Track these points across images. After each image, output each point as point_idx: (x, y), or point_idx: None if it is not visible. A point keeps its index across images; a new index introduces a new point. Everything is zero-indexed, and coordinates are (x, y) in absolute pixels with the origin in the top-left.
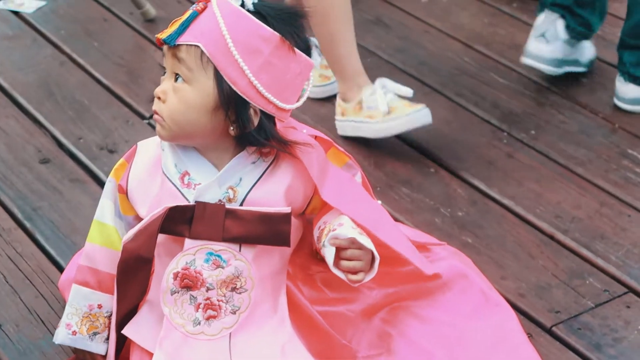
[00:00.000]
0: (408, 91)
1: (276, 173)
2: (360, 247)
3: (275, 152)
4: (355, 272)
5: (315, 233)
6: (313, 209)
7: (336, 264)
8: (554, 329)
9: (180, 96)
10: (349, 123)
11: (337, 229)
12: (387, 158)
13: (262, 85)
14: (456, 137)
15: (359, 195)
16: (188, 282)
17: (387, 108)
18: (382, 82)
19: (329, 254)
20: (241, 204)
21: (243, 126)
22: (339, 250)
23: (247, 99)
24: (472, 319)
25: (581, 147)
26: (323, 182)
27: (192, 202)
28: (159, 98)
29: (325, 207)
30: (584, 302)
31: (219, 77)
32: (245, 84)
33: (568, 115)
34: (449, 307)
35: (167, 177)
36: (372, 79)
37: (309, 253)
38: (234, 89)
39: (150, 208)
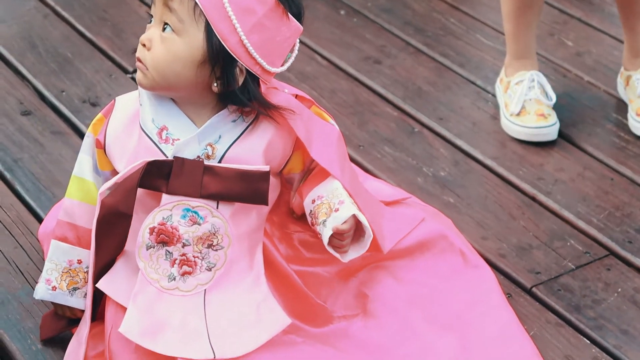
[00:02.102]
0: (552, 96)
1: (256, 132)
2: (358, 224)
3: (257, 112)
4: (342, 247)
5: (308, 206)
6: (291, 169)
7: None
8: (533, 289)
9: (168, 46)
10: (497, 92)
11: (339, 208)
12: (371, 117)
13: (252, 45)
14: (440, 97)
15: (344, 155)
16: (164, 238)
17: (519, 109)
18: (537, 75)
19: (326, 234)
20: (219, 161)
21: (227, 84)
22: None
23: (235, 57)
24: (449, 280)
25: (565, 110)
26: (311, 141)
27: (170, 158)
28: (143, 45)
29: (313, 175)
30: (565, 263)
31: (209, 32)
32: (235, 42)
33: (553, 79)
34: (427, 268)
35: (145, 132)
36: (355, 38)
37: (286, 212)
38: (224, 45)
39: (127, 163)
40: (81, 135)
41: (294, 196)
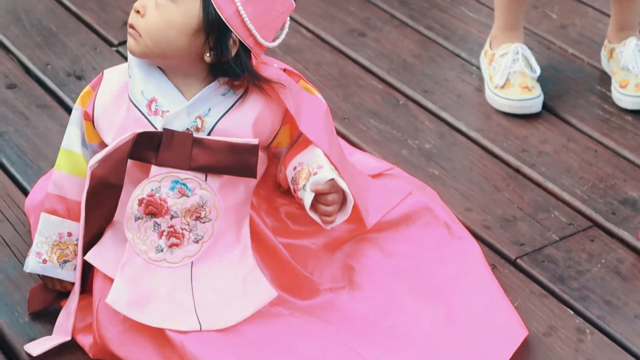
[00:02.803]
0: (536, 68)
1: (245, 105)
2: (337, 189)
3: (246, 86)
4: (330, 216)
5: (290, 173)
6: (279, 143)
7: (312, 206)
8: (518, 261)
9: (163, 13)
10: (482, 65)
11: (317, 172)
12: (356, 89)
13: (247, 16)
14: (425, 70)
15: (331, 129)
16: (152, 209)
17: (504, 82)
18: (521, 48)
19: (307, 197)
20: (208, 134)
21: (220, 54)
22: (317, 194)
23: (230, 27)
24: (434, 252)
25: (549, 83)
26: (300, 115)
27: (159, 130)
28: (137, 12)
29: (296, 145)
30: (549, 235)
31: (206, 1)
32: (231, 12)
33: (537, 51)
34: (412, 240)
35: (134, 104)
36: (340, 11)
37: (273, 185)
38: (220, 14)
39: (115, 135)
40: (66, 108)
41: (280, 169)
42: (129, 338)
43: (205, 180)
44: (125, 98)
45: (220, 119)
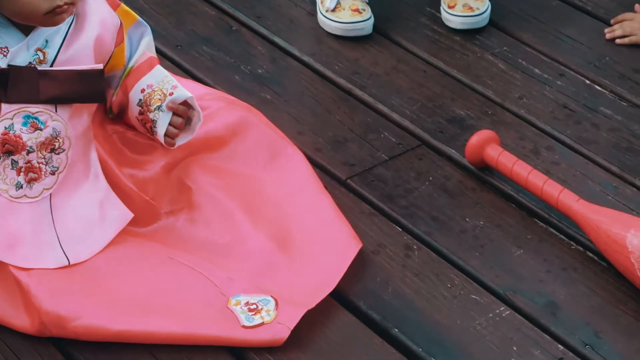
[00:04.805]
0: None
1: (82, 31)
2: (193, 107)
3: (73, 11)
4: (175, 137)
5: (136, 96)
6: (113, 66)
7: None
8: (348, 181)
9: None
10: None
11: (173, 92)
12: (188, 16)
13: None
14: None
15: None
16: (9, 147)
17: (334, 5)
18: None
19: (164, 118)
20: (51, 65)
21: None
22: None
23: None
24: (267, 169)
25: (380, 6)
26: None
27: (4, 67)
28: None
29: (137, 67)
30: (378, 155)
31: None
32: None
33: None
34: (245, 159)
35: None
36: None
37: (103, 112)
38: None
39: None
40: None
41: (116, 93)
42: None
43: (56, 111)
44: None
45: (60, 48)
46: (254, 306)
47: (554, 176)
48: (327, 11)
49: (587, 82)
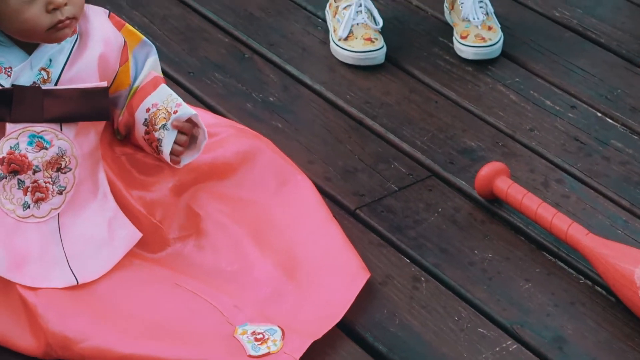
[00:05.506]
0: (379, 20)
1: (85, 49)
2: (198, 125)
3: (77, 30)
4: (179, 155)
5: (142, 115)
6: (118, 86)
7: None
8: (357, 211)
9: None
10: (327, 17)
11: (177, 110)
12: (201, 43)
13: None
14: (272, 23)
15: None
16: (15, 167)
17: (347, 34)
18: (364, 0)
19: (170, 136)
20: (56, 84)
21: None
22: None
23: None
24: (276, 196)
25: (393, 34)
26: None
27: (8, 87)
28: (65, 4)
29: (143, 87)
30: (388, 185)
31: None
32: None
33: (382, 3)
34: (253, 186)
35: None
36: None
37: (111, 133)
38: None
39: None
40: None
41: (122, 114)
42: None
43: (61, 130)
44: None
45: (64, 67)
46: (261, 336)
47: (563, 209)
48: (339, 40)
49: (599, 114)
